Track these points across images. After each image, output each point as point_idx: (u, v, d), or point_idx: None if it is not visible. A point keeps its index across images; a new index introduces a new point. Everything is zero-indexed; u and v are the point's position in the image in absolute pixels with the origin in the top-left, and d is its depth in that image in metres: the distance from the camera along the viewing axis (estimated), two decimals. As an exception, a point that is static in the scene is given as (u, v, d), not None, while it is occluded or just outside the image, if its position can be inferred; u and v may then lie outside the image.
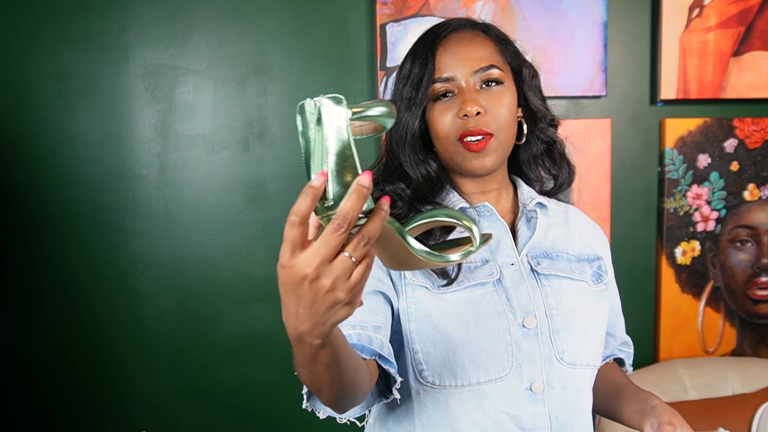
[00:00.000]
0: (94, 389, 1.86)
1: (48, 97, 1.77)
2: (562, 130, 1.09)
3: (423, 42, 0.97)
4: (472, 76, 0.93)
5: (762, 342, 2.04)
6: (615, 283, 1.07)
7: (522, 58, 1.00)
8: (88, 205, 1.81)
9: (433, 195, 0.96)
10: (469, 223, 0.65)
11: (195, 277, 1.85)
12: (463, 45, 0.95)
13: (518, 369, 0.90)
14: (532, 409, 0.90)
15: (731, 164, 1.97)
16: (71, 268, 1.82)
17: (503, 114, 0.93)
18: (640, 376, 1.87)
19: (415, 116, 0.94)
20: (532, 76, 1.00)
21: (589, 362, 0.95)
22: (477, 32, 0.98)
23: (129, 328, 1.85)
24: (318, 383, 0.71)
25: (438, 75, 0.94)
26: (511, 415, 0.90)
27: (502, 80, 0.95)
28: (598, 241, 1.06)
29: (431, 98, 0.94)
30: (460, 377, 0.89)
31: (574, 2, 1.86)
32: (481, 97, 0.92)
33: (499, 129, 0.93)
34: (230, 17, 1.80)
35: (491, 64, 0.94)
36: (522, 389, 0.90)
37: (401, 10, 1.80)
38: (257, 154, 1.84)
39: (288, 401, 1.86)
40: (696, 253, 1.98)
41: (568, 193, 1.91)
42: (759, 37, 1.93)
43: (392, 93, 0.99)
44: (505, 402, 0.89)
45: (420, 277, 0.91)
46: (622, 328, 1.12)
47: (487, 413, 0.89)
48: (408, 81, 0.95)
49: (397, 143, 0.97)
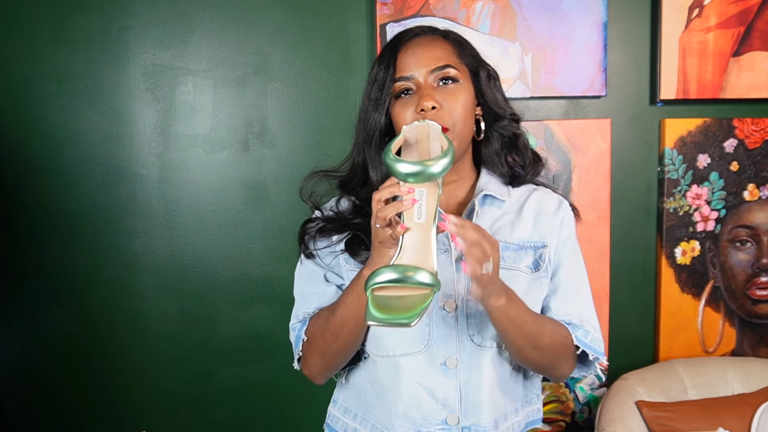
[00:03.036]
0: (94, 389, 1.86)
1: (48, 97, 1.77)
2: (561, 130, 1.11)
3: (387, 47, 1.07)
4: (429, 75, 1.02)
5: (762, 342, 2.04)
6: (573, 265, 1.10)
7: (480, 60, 1.09)
8: (88, 205, 1.81)
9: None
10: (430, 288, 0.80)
11: (195, 277, 1.86)
12: (422, 47, 1.04)
13: (434, 347, 1.02)
14: (445, 382, 1.03)
15: (731, 164, 1.97)
16: (71, 268, 1.82)
17: (458, 109, 1.01)
18: (640, 376, 1.87)
19: (381, 114, 1.04)
20: (490, 77, 1.09)
21: (493, 344, 1.04)
22: (436, 37, 1.08)
23: (129, 327, 1.85)
24: (354, 318, 0.97)
25: (399, 74, 1.03)
26: (424, 386, 1.03)
27: (458, 78, 1.03)
28: (555, 225, 1.10)
29: (393, 96, 1.04)
30: (381, 348, 1.05)
31: (574, 2, 1.86)
32: (437, 93, 1.01)
33: (454, 123, 1.01)
34: (230, 17, 1.80)
35: (447, 64, 1.03)
36: (437, 364, 1.03)
37: (401, 10, 1.80)
38: (257, 154, 1.84)
39: (288, 401, 1.87)
40: (696, 253, 1.98)
41: (569, 192, 1.91)
42: (759, 37, 1.93)
43: (362, 96, 1.08)
44: (419, 374, 1.03)
45: (353, 264, 1.06)
46: (572, 309, 1.09)
47: (403, 383, 1.04)
48: (374, 84, 1.05)
49: (363, 141, 1.07)
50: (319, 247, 1.09)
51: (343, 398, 1.16)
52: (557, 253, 1.09)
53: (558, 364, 1.06)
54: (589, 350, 1.07)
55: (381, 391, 1.07)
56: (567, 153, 1.90)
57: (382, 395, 1.07)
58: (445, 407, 1.04)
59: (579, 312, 1.09)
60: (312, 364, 1.08)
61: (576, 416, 2.00)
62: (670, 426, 1.74)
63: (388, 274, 0.79)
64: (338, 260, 1.09)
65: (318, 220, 1.11)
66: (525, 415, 1.11)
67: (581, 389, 1.99)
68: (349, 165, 1.12)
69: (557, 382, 1.15)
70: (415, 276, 0.79)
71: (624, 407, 1.79)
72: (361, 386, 1.11)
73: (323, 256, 1.09)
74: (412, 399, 1.04)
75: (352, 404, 1.14)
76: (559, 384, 1.97)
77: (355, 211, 1.09)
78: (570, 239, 1.11)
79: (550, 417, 1.99)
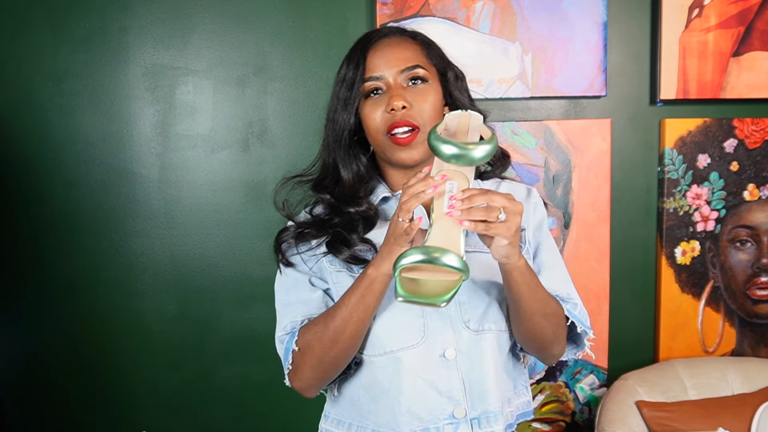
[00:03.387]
0: (94, 389, 1.86)
1: (48, 97, 1.77)
2: (561, 129, 1.12)
3: (356, 48, 1.08)
4: (399, 75, 1.04)
5: (762, 342, 2.04)
6: (550, 246, 1.13)
7: (447, 61, 1.11)
8: (88, 205, 1.81)
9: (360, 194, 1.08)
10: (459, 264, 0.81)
11: (195, 277, 1.86)
12: (391, 48, 1.06)
13: (431, 338, 1.02)
14: (447, 374, 1.02)
15: (731, 164, 1.97)
16: (71, 268, 1.82)
17: (427, 109, 1.03)
18: (640, 376, 1.87)
19: (350, 114, 1.06)
20: (458, 78, 1.11)
21: (492, 327, 1.04)
22: (405, 38, 1.09)
23: (129, 328, 1.85)
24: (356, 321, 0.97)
25: (368, 74, 1.04)
26: (427, 380, 1.02)
27: (427, 78, 1.05)
28: (529, 210, 1.12)
29: (363, 96, 1.05)
30: (377, 347, 1.03)
31: (574, 2, 1.86)
32: (407, 93, 1.03)
33: (424, 123, 1.03)
34: (230, 17, 1.80)
35: (416, 64, 1.05)
36: (436, 356, 1.02)
37: (401, 10, 1.80)
38: (257, 154, 1.84)
39: (288, 401, 1.86)
40: (696, 253, 1.98)
41: (569, 192, 1.91)
42: (759, 37, 1.93)
43: (331, 96, 1.10)
44: (420, 368, 1.02)
45: (338, 265, 1.06)
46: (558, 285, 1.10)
47: (404, 378, 1.02)
48: (343, 83, 1.07)
49: (333, 141, 1.08)
50: (302, 251, 1.08)
51: (335, 412, 1.13)
52: (535, 236, 1.12)
53: (558, 337, 1.06)
54: (578, 321, 1.08)
55: (381, 393, 1.05)
56: (567, 153, 1.90)
57: (382, 396, 1.05)
58: (451, 400, 1.03)
59: (564, 288, 1.10)
60: (305, 375, 1.04)
61: (576, 416, 2.00)
62: (670, 426, 1.74)
63: (416, 254, 0.80)
64: (321, 264, 1.07)
65: (293, 227, 1.10)
66: (516, 407, 1.11)
67: (581, 389, 1.99)
68: (319, 166, 1.13)
69: (550, 363, 1.14)
70: (442, 258, 0.79)
71: (624, 407, 1.79)
72: (355, 395, 1.09)
73: (305, 262, 1.08)
74: (415, 394, 1.02)
75: (345, 415, 1.11)
76: (559, 384, 1.97)
77: (331, 212, 1.09)
78: (544, 223, 1.14)
79: (550, 417, 1.99)
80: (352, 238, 1.05)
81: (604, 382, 1.99)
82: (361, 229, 1.06)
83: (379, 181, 1.12)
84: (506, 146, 1.87)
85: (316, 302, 1.06)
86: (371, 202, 1.09)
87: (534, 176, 1.90)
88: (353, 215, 1.07)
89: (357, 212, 1.07)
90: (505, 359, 1.08)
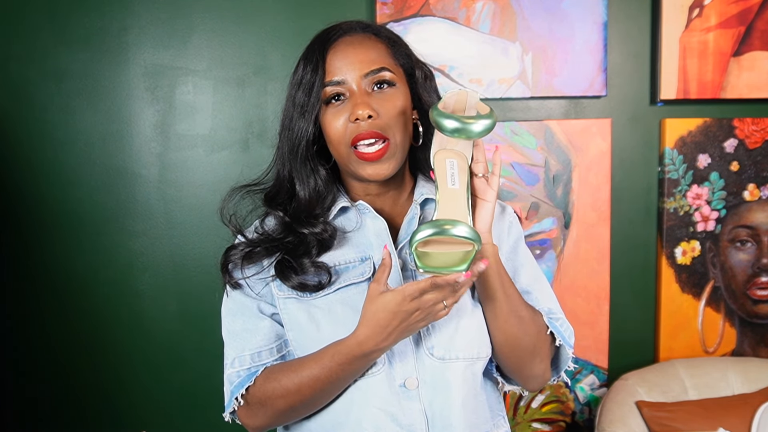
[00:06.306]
0: (94, 389, 1.86)
1: (48, 97, 1.77)
2: (562, 129, 1.08)
3: (314, 46, 0.97)
4: (362, 79, 0.93)
5: (762, 342, 2.04)
6: (529, 268, 1.05)
7: (415, 59, 1.00)
8: (88, 205, 1.81)
9: (316, 211, 0.98)
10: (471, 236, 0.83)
11: (195, 277, 1.86)
12: (353, 48, 0.95)
13: (390, 366, 0.92)
14: (408, 405, 0.92)
15: (731, 164, 1.97)
16: (71, 268, 1.82)
17: (396, 117, 0.93)
18: (640, 376, 1.87)
19: (309, 123, 0.94)
20: (426, 77, 1.00)
21: (459, 355, 0.94)
22: (368, 35, 0.98)
23: (129, 328, 1.85)
24: (322, 394, 0.92)
25: (329, 78, 0.93)
26: (386, 411, 0.92)
27: (394, 82, 0.94)
28: (503, 229, 1.04)
29: (323, 102, 0.94)
30: None
31: (574, 2, 1.86)
32: (372, 100, 0.92)
33: (394, 133, 0.93)
34: (230, 17, 1.80)
35: (382, 67, 0.94)
36: (396, 386, 0.92)
37: (401, 10, 1.80)
38: (257, 154, 1.84)
39: (288, 401, 1.86)
40: (696, 253, 1.98)
41: (569, 192, 1.91)
42: (759, 37, 1.93)
43: (286, 99, 0.98)
44: (379, 399, 0.92)
45: (286, 291, 0.96)
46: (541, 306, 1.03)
47: (363, 409, 0.92)
48: (300, 86, 0.95)
49: (289, 151, 0.97)
50: (248, 275, 0.98)
51: None
52: (511, 259, 1.03)
53: (538, 350, 0.98)
54: (557, 333, 1.00)
55: (337, 424, 0.94)
56: (567, 153, 1.90)
57: (339, 428, 0.94)
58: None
59: (547, 303, 1.03)
60: (257, 422, 0.97)
61: (576, 416, 2.00)
62: (670, 426, 1.74)
63: (428, 229, 0.81)
64: (269, 288, 0.97)
65: (242, 245, 0.99)
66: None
67: (581, 389, 1.99)
68: (273, 176, 1.01)
69: (533, 387, 1.05)
70: (453, 230, 0.81)
71: (624, 407, 1.79)
72: (311, 427, 0.98)
73: (253, 285, 0.98)
74: (373, 427, 0.92)
75: None
76: (559, 384, 1.97)
77: (284, 230, 0.98)
78: (520, 242, 1.05)
79: (550, 417, 1.99)
80: (303, 262, 0.94)
81: (604, 382, 1.99)
82: (315, 252, 0.95)
83: (339, 191, 1.01)
84: (506, 146, 1.88)
85: (264, 332, 0.97)
86: (328, 222, 0.98)
87: (534, 176, 1.90)
88: (307, 236, 0.96)
89: (312, 233, 0.96)
90: (478, 390, 0.98)
